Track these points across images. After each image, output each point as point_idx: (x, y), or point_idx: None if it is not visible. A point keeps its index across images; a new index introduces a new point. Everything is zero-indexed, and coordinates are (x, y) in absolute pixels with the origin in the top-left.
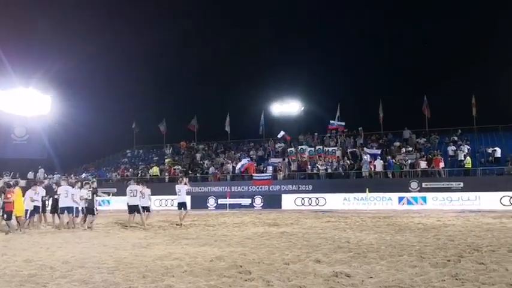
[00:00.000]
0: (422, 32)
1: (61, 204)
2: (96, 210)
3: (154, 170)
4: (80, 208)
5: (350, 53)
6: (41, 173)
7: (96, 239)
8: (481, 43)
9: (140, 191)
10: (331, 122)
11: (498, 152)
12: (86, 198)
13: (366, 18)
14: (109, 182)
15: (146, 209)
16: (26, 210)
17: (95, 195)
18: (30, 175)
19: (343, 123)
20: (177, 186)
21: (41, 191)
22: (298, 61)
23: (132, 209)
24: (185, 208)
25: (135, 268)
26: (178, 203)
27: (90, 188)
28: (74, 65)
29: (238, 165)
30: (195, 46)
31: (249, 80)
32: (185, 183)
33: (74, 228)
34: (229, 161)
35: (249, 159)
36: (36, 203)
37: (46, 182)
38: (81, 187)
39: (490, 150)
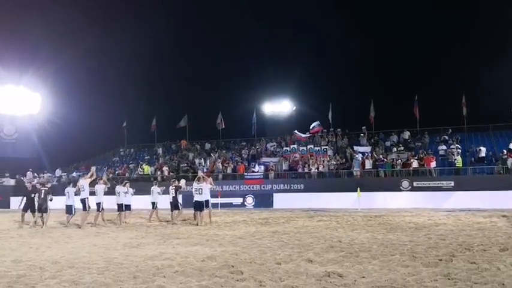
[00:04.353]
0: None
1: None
2: (181, 205)
3: (146, 169)
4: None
5: (341, 53)
6: (29, 174)
7: (86, 238)
8: (471, 42)
9: (201, 188)
10: (312, 125)
11: (483, 152)
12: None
13: (357, 19)
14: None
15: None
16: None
17: (178, 192)
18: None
19: (319, 123)
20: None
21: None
22: (289, 61)
23: (199, 206)
24: (208, 206)
25: (126, 268)
26: (205, 201)
27: (173, 186)
28: (64, 64)
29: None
30: (186, 45)
31: (241, 79)
32: (210, 183)
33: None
34: (220, 160)
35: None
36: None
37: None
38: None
39: (478, 149)
